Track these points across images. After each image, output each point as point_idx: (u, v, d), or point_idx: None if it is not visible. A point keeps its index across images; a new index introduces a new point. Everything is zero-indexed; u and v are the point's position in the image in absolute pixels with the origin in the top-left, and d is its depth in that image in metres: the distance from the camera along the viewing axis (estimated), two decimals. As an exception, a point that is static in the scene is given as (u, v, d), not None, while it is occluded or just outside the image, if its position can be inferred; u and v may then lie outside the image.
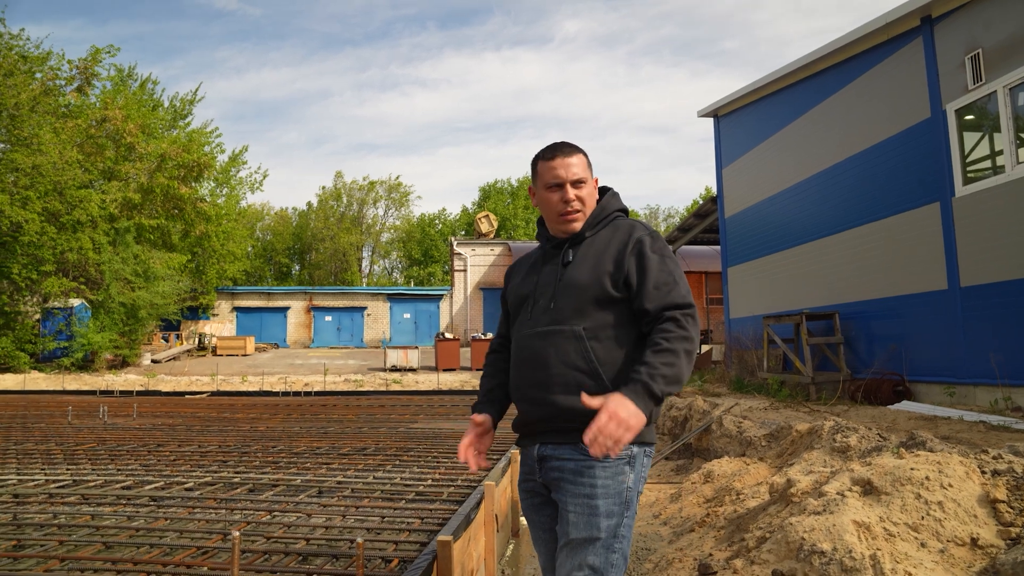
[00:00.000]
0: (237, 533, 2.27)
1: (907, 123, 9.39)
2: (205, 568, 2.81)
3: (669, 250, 1.85)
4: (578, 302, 1.77)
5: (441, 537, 2.52)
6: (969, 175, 8.51)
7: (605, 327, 1.75)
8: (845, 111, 10.85)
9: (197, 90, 45.79)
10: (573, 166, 1.85)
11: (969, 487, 3.04)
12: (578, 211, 1.86)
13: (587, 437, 1.53)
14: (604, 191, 2.00)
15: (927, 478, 3.00)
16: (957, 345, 8.39)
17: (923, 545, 2.74)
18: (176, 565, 2.89)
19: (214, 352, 28.59)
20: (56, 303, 23.42)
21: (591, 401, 1.57)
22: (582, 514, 1.70)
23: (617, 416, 1.54)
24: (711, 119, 15.66)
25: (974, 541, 2.78)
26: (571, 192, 1.85)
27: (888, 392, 8.79)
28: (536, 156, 1.93)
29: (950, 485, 2.99)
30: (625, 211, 1.98)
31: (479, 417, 1.93)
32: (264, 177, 37.47)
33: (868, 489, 3.09)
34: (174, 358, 26.64)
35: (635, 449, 1.76)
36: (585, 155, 1.90)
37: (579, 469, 1.72)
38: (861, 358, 10.12)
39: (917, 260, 9.13)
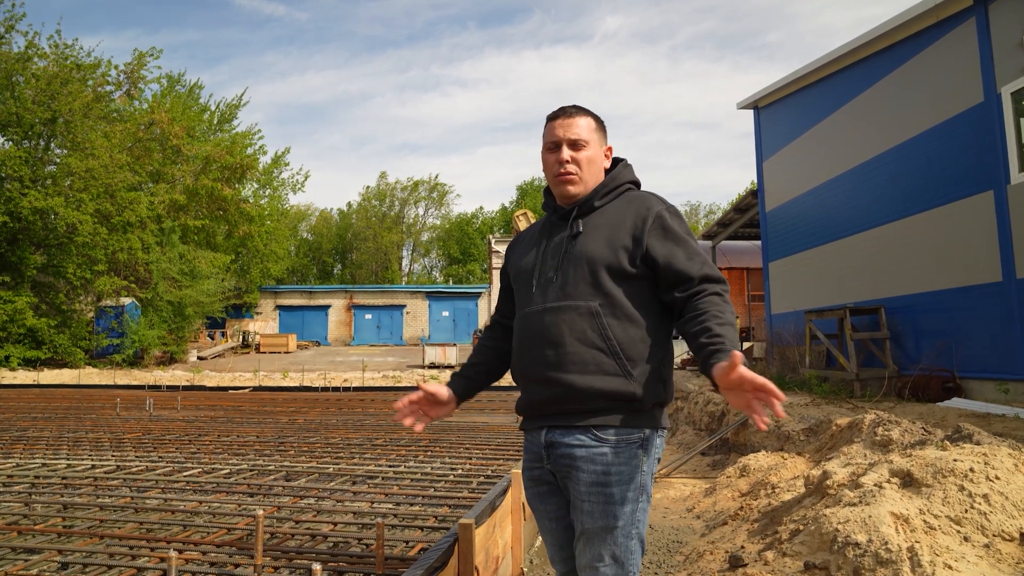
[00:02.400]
0: (260, 512, 2.30)
1: (957, 109, 9.00)
2: (233, 548, 2.86)
3: (688, 226, 1.73)
4: (591, 276, 1.65)
5: (463, 520, 2.51)
6: (1026, 162, 8.10)
7: (621, 304, 1.63)
8: (890, 99, 10.47)
9: (243, 95, 47.05)
10: (573, 126, 1.73)
11: (1018, 480, 2.88)
12: (572, 173, 1.73)
13: (762, 420, 1.33)
14: (617, 162, 1.87)
15: (971, 470, 2.86)
16: (1013, 339, 8.00)
17: (966, 539, 2.61)
18: (207, 544, 2.95)
19: (257, 349, 29.31)
20: (108, 302, 24.37)
21: (738, 372, 1.34)
22: (597, 503, 1.61)
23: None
24: (751, 111, 15.30)
25: (1023, 536, 2.64)
26: (566, 153, 1.73)
27: (937, 389, 8.44)
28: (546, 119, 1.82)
29: (997, 477, 2.84)
30: (637, 184, 1.85)
31: (439, 389, 1.82)
32: (306, 178, 38.41)
33: (907, 481, 2.96)
34: (219, 355, 27.41)
35: (647, 431, 1.65)
36: (595, 119, 1.78)
37: (591, 456, 1.62)
38: (908, 354, 9.74)
39: (969, 251, 8.74)
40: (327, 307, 34.98)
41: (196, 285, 25.04)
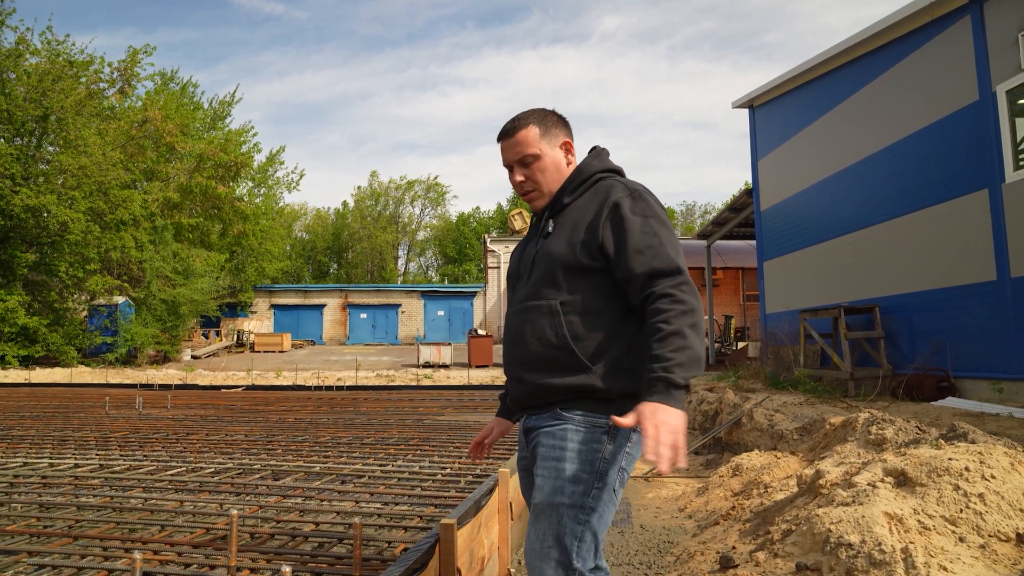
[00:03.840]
0: (235, 512, 2.23)
1: (952, 107, 8.97)
2: (210, 548, 2.79)
3: (657, 210, 1.64)
4: (553, 274, 1.65)
5: (445, 521, 2.44)
6: (1021, 161, 8.07)
7: (583, 300, 1.62)
8: (886, 97, 10.44)
9: (235, 92, 46.81)
10: (516, 146, 1.74)
11: (1015, 479, 2.83)
12: (531, 191, 1.76)
13: (650, 455, 1.36)
14: (593, 152, 1.85)
15: (967, 469, 2.80)
16: (1007, 338, 7.97)
17: (961, 539, 2.55)
18: (184, 545, 2.87)
19: (252, 348, 29.17)
20: (101, 300, 24.20)
21: (622, 421, 1.42)
22: (548, 477, 1.58)
23: (663, 423, 1.38)
24: (746, 110, 15.27)
25: (1020, 537, 2.58)
26: (517, 175, 1.76)
27: (931, 388, 8.41)
28: None
29: (993, 476, 2.78)
30: (615, 171, 1.79)
31: (497, 428, 1.95)
32: (301, 177, 38.16)
33: (902, 480, 2.90)
34: (213, 354, 27.27)
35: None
36: (537, 124, 1.75)
37: (551, 431, 1.62)
38: (902, 353, 9.71)
39: (963, 250, 8.70)
40: (322, 306, 34.84)
41: (190, 284, 24.89)
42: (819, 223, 12.26)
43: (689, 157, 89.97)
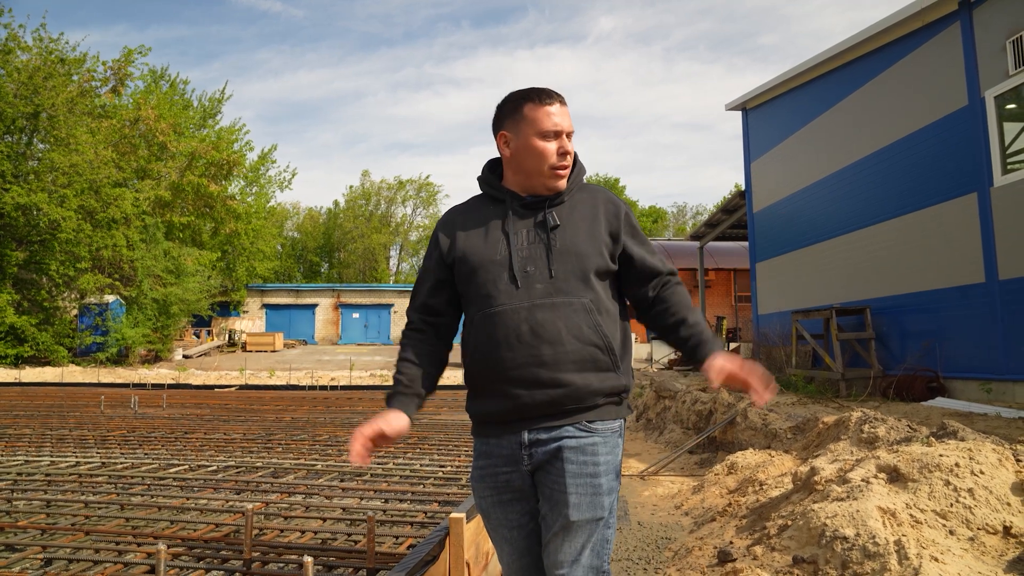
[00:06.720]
0: (250, 506, 2.28)
1: (943, 112, 9.11)
2: (222, 543, 2.84)
3: None
4: (582, 272, 1.64)
5: (454, 515, 2.51)
6: (1009, 165, 8.22)
7: (604, 299, 1.68)
8: (877, 101, 10.58)
9: (224, 88, 46.55)
10: (568, 117, 1.71)
11: (1002, 475, 2.92)
12: (567, 167, 1.72)
13: (769, 389, 1.57)
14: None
15: (957, 464, 2.89)
16: (995, 340, 8.11)
17: (951, 532, 2.65)
18: (195, 540, 2.92)
19: (244, 348, 29.09)
20: (92, 299, 24.05)
21: (714, 382, 1.60)
22: (585, 494, 1.58)
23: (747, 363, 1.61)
24: (739, 112, 15.40)
25: (1007, 529, 2.67)
26: (565, 145, 1.69)
27: (921, 388, 8.54)
28: (520, 97, 1.70)
29: (981, 472, 2.88)
30: None
31: (398, 422, 1.61)
32: (293, 175, 38.10)
33: (894, 476, 2.99)
34: (205, 354, 27.17)
35: (623, 419, 1.73)
36: None
37: (580, 447, 1.60)
38: (893, 354, 9.85)
39: (953, 253, 8.85)
40: (314, 306, 34.77)
41: (181, 283, 24.79)
42: (811, 225, 12.40)
43: (684, 158, 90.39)
